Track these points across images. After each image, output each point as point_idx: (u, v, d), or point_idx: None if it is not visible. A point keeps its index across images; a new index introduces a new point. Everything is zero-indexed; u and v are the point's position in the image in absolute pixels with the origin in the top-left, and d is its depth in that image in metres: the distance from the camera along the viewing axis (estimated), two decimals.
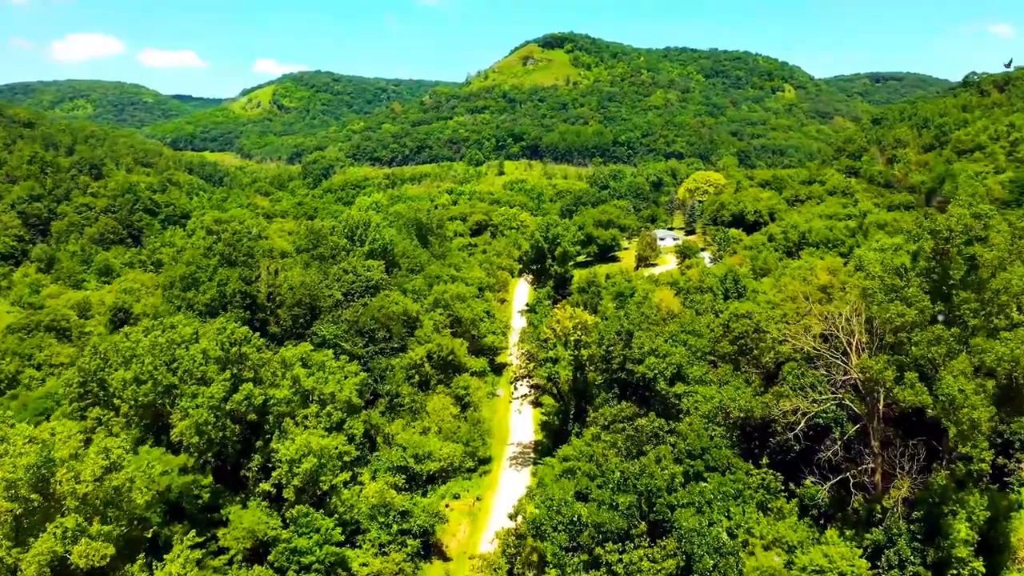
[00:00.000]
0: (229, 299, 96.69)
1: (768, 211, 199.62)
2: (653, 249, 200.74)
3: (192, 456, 59.50)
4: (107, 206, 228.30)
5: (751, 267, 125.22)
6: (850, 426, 58.47)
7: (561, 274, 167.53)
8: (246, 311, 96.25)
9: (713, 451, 53.24)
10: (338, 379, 75.25)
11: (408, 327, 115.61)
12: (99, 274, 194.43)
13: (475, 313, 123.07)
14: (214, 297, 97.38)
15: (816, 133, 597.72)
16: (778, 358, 63.39)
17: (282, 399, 70.60)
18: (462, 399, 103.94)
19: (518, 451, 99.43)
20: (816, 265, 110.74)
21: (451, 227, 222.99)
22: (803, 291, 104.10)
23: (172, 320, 72.36)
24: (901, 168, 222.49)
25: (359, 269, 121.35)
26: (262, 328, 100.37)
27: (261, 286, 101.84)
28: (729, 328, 68.83)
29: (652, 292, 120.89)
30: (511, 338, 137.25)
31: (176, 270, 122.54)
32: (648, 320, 72.20)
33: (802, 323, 65.16)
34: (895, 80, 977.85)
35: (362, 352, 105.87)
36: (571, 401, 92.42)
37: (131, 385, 59.70)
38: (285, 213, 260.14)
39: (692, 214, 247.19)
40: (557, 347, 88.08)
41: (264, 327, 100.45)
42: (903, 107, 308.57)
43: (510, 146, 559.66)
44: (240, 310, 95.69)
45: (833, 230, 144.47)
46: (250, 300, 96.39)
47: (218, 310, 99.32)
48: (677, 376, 62.70)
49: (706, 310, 78.63)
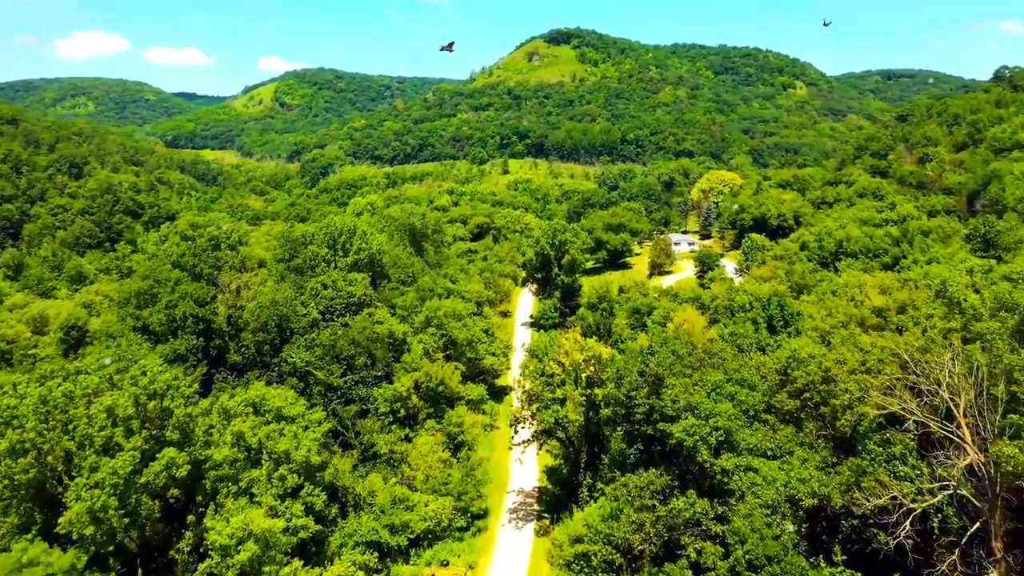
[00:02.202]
0: (179, 323, 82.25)
1: (792, 214, 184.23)
2: (668, 256, 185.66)
3: (86, 552, 45.08)
4: (84, 207, 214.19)
5: (786, 282, 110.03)
6: (958, 518, 43.66)
7: (569, 284, 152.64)
8: (199, 337, 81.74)
9: (784, 562, 38.53)
10: (295, 432, 60.72)
11: (394, 351, 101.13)
12: (71, 281, 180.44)
13: (472, 334, 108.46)
14: (162, 320, 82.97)
15: (830, 131, 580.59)
16: (857, 420, 48.47)
17: (221, 461, 56.17)
18: (454, 438, 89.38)
19: (519, 501, 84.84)
20: (865, 282, 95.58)
21: (450, 231, 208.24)
22: (854, 315, 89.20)
23: (80, 364, 57.86)
24: (934, 168, 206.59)
25: (339, 283, 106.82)
26: (220, 356, 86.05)
27: (220, 306, 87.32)
28: (788, 376, 53.94)
29: (674, 311, 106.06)
30: (513, 359, 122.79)
31: (132, 284, 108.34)
32: (680, 361, 57.34)
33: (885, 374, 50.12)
34: (907, 77, 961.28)
35: (339, 382, 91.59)
36: (582, 447, 77.81)
37: (5, 458, 45.30)
38: (276, 215, 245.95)
39: (708, 216, 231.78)
40: (566, 385, 73.49)
41: (223, 355, 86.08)
42: (930, 103, 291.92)
43: (515, 144, 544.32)
44: (192, 336, 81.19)
45: (873, 238, 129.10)
46: (204, 325, 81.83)
47: (168, 335, 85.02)
48: (725, 442, 47.94)
49: (750, 346, 64.06)
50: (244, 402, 62.38)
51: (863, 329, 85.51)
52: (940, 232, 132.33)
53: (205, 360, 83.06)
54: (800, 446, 49.48)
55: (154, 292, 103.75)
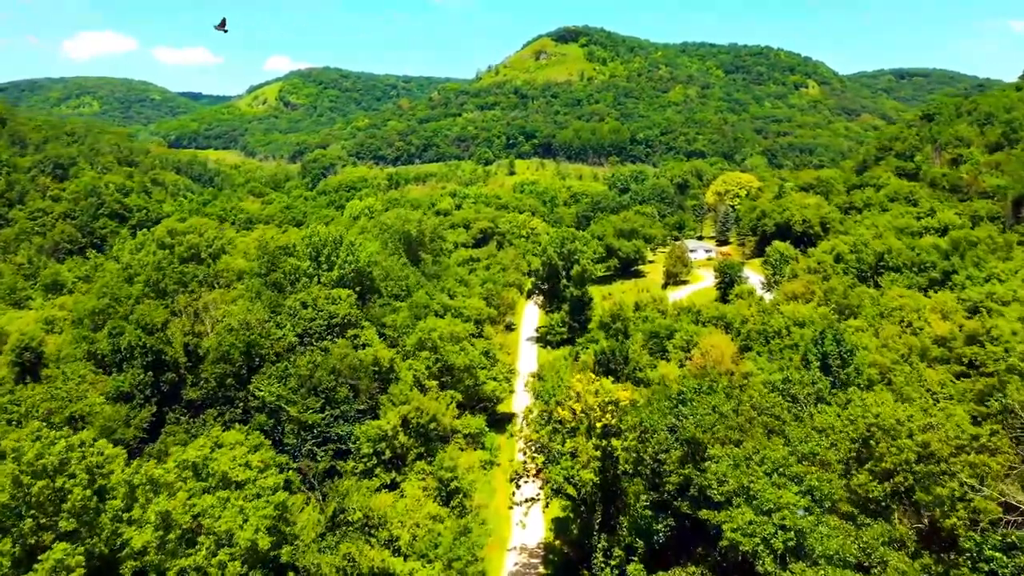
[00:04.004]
0: (125, 354, 70.34)
1: (819, 220, 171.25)
2: (684, 264, 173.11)
3: None
4: (66, 211, 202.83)
5: (824, 300, 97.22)
6: None
7: (578, 297, 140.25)
8: (147, 371, 69.79)
9: None
10: (242, 505, 48.66)
11: (380, 381, 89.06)
12: (46, 290, 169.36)
13: (470, 358, 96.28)
14: (105, 352, 71.24)
15: (844, 131, 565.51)
16: (972, 515, 35.98)
17: (142, 548, 44.27)
18: (447, 484, 77.15)
19: (522, 562, 72.86)
20: (922, 305, 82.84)
21: (451, 236, 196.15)
22: (913, 345, 76.53)
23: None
24: (969, 170, 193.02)
25: (321, 301, 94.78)
26: (174, 392, 74.09)
27: (175, 332, 75.33)
28: (869, 448, 41.43)
29: (697, 335, 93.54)
30: (517, 383, 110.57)
31: (88, 301, 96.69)
32: (724, 421, 45.06)
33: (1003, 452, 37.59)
34: (920, 76, 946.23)
35: (315, 419, 79.53)
36: (596, 506, 65.52)
37: None
38: (270, 219, 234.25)
39: (726, 221, 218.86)
40: (577, 436, 61.21)
41: (178, 389, 74.09)
42: (958, 101, 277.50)
43: (521, 144, 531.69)
44: (139, 370, 69.23)
45: (916, 249, 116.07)
46: (154, 356, 69.86)
47: (114, 368, 73.20)
48: (795, 547, 35.58)
49: (808, 397, 51.37)
50: (182, 465, 50.28)
51: (926, 363, 72.90)
52: (990, 243, 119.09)
53: (156, 396, 71.12)
54: (891, 546, 37.09)
55: (110, 311, 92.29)
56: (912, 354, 72.59)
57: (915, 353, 73.17)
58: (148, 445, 68.15)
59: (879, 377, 66.35)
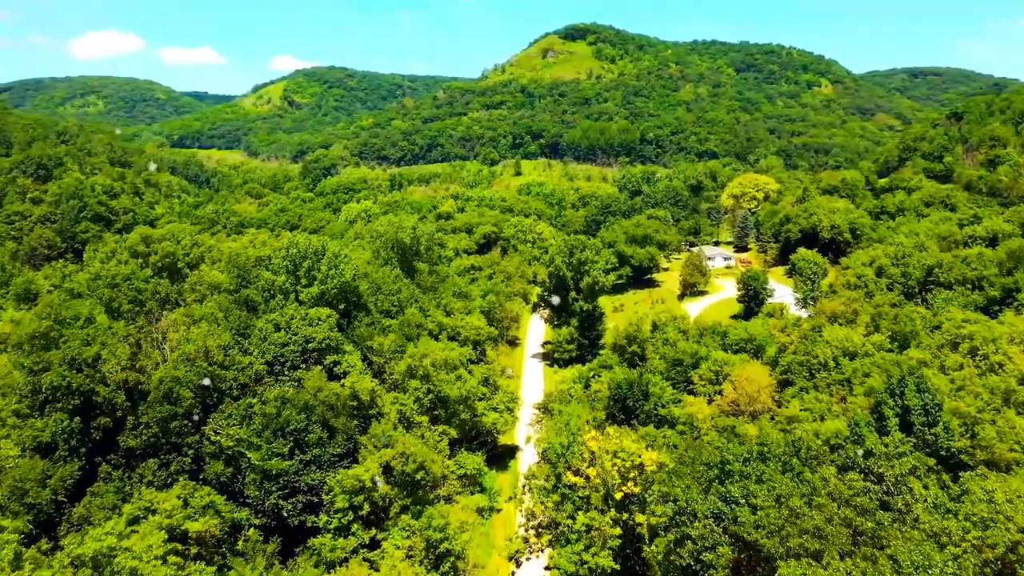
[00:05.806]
0: (47, 395, 58.62)
1: (848, 226, 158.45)
2: (702, 273, 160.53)
3: None
4: (46, 214, 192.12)
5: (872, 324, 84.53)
6: None
7: (588, 311, 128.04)
8: (74, 416, 58.01)
9: None
10: None
11: (361, 418, 77.18)
12: (18, 299, 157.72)
13: (467, 389, 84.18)
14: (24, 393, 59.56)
15: (860, 131, 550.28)
16: None
17: None
18: (435, 546, 65.26)
19: None
20: (999, 335, 70.16)
21: (452, 242, 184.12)
22: (994, 386, 63.97)
23: None
24: (1008, 172, 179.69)
25: (296, 323, 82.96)
26: (108, 439, 62.29)
27: (112, 368, 63.52)
28: (1003, 565, 29.35)
29: (728, 363, 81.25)
30: (521, 411, 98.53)
31: (29, 322, 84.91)
32: (796, 522, 32.96)
33: None
34: (935, 75, 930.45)
35: (283, 466, 67.78)
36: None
37: None
38: (263, 222, 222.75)
39: (744, 226, 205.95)
40: (591, 510, 49.22)
41: (113, 437, 62.24)
42: (989, 99, 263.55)
43: (528, 144, 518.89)
44: (63, 416, 57.45)
45: (970, 262, 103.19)
46: (81, 399, 58.12)
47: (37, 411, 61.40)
48: None
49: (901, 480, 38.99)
50: (77, 562, 38.45)
51: (1014, 408, 60.30)
52: None
53: (86, 447, 59.39)
54: None
55: (53, 336, 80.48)
56: (996, 398, 60.08)
57: (999, 396, 60.64)
58: (70, 507, 56.47)
59: (963, 429, 53.97)
